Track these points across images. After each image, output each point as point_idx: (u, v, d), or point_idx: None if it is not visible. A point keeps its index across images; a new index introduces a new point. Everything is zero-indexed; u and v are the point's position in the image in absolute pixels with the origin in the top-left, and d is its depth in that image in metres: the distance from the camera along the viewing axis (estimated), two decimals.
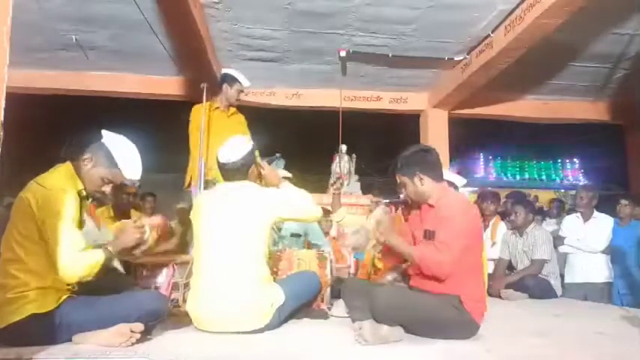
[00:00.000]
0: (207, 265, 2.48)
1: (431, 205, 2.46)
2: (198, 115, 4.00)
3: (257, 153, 2.94)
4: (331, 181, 3.69)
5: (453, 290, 2.31)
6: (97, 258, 2.09)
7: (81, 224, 2.18)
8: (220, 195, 2.65)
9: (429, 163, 2.46)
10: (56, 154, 2.33)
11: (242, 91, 4.23)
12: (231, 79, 4.13)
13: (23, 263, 2.03)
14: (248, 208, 2.52)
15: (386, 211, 2.69)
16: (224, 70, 4.31)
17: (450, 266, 2.27)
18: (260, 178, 2.80)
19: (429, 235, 2.40)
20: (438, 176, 2.47)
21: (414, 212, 2.66)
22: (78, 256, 2.05)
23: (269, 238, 2.66)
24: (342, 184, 3.42)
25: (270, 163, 3.17)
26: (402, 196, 3.79)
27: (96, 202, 2.81)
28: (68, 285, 2.12)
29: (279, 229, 3.93)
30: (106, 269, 2.17)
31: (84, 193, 2.19)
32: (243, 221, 2.48)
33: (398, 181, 2.54)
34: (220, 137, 3.78)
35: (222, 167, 2.65)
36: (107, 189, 2.25)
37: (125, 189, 3.68)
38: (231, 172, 2.63)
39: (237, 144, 2.70)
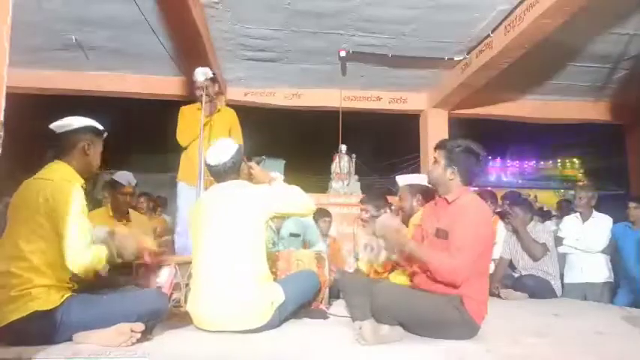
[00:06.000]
0: (206, 265, 2.48)
1: (447, 202, 2.45)
2: (181, 115, 4.21)
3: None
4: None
5: (457, 291, 2.30)
6: (102, 254, 2.19)
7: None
8: (214, 195, 2.66)
9: (469, 166, 2.46)
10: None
11: (200, 88, 3.89)
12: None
13: (28, 261, 2.04)
14: (242, 205, 2.52)
15: (390, 218, 2.69)
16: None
17: (464, 274, 2.27)
18: (250, 177, 2.81)
19: (441, 235, 2.39)
20: (467, 180, 2.48)
21: (428, 205, 2.66)
22: (88, 246, 2.13)
23: (266, 235, 2.66)
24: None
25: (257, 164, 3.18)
26: (393, 208, 3.88)
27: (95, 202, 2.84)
28: (69, 283, 2.15)
29: (278, 230, 3.93)
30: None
31: (85, 187, 2.25)
32: (238, 219, 2.49)
33: (434, 156, 2.52)
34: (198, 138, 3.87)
35: (211, 170, 2.67)
36: None
37: (122, 189, 3.69)
38: (222, 173, 2.64)
39: (224, 145, 2.71)
